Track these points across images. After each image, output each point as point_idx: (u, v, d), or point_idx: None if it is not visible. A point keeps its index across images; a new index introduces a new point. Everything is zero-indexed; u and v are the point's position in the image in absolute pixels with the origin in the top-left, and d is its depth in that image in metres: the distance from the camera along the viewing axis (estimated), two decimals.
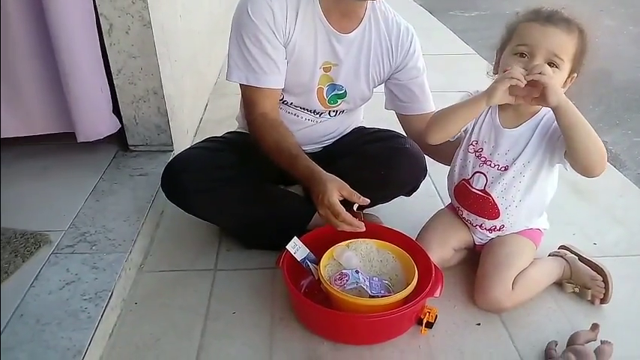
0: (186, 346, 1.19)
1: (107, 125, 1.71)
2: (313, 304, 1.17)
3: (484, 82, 1.21)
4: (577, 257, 1.37)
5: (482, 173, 1.27)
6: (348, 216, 1.19)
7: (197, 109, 2.37)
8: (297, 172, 1.27)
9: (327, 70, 1.38)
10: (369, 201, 1.22)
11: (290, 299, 1.29)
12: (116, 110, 1.75)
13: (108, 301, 1.20)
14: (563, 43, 1.12)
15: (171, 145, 1.83)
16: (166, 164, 1.39)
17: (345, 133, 1.59)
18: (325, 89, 1.41)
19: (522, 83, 1.07)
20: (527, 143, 1.22)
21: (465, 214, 1.35)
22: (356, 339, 1.20)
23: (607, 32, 4.28)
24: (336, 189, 1.18)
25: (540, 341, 1.20)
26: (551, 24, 1.13)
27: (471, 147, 1.29)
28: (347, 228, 1.20)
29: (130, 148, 1.83)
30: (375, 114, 1.65)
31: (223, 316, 1.27)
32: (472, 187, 1.29)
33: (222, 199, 1.36)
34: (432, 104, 1.50)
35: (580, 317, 1.27)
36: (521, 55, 1.14)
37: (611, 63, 3.43)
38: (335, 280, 1.21)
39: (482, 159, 1.26)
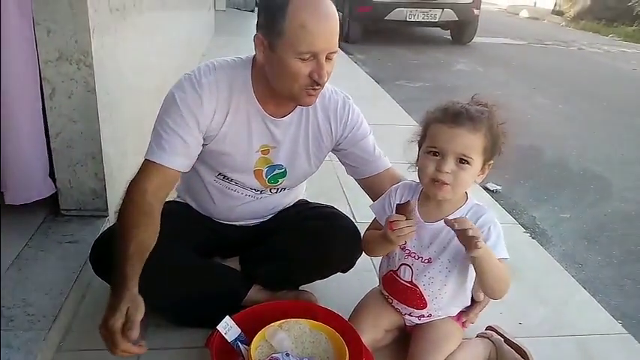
0: None
1: (39, 189, 1.65)
2: None
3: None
4: (502, 339, 1.41)
5: (407, 265, 1.30)
6: (127, 346, 1.13)
7: None
8: (117, 267, 1.18)
9: (265, 152, 1.39)
10: None
11: None
12: (51, 173, 1.70)
13: None
14: (470, 143, 1.17)
15: (106, 210, 1.78)
16: (95, 239, 1.35)
17: (286, 207, 1.59)
18: (264, 170, 1.41)
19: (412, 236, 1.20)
20: (451, 241, 1.23)
21: (395, 302, 1.37)
22: None
23: (539, 110, 4.59)
24: (127, 314, 1.12)
25: None
26: (457, 126, 1.17)
27: None
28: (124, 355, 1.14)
29: (62, 212, 1.76)
30: (316, 187, 1.68)
31: None
32: (400, 278, 1.32)
33: (153, 278, 1.28)
34: (385, 161, 1.48)
35: None
36: (434, 154, 1.20)
37: (541, 140, 3.66)
38: None
39: (407, 251, 1.29)
